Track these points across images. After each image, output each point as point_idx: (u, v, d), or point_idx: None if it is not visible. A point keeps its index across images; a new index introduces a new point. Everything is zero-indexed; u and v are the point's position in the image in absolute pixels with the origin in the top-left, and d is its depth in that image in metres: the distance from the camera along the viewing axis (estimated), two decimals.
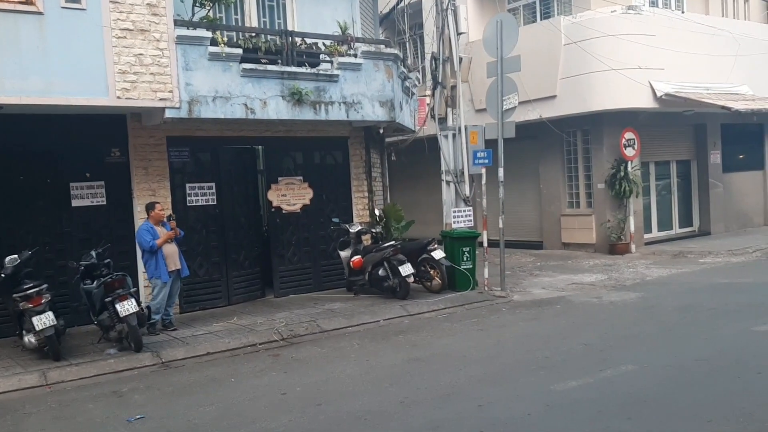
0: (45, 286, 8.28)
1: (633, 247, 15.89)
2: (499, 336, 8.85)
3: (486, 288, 11.71)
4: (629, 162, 15.83)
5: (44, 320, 7.96)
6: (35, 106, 8.70)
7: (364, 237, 12.01)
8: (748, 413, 5.48)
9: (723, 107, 15.14)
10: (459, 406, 6.05)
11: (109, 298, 8.33)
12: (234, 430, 5.82)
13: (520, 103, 12.28)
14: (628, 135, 15.72)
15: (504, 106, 11.55)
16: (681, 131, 17.98)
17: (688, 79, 15.66)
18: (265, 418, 6.05)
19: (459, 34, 12.50)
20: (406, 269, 10.92)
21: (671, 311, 9.63)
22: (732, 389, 6.13)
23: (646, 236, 17.00)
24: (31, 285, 8.19)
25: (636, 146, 15.83)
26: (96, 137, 10.11)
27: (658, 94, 15.20)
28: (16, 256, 8.51)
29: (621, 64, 14.63)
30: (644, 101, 15.31)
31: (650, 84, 15.17)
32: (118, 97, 8.94)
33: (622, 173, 15.75)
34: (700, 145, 18.37)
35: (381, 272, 11.21)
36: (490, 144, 11.80)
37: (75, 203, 10.05)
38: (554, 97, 15.74)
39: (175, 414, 6.35)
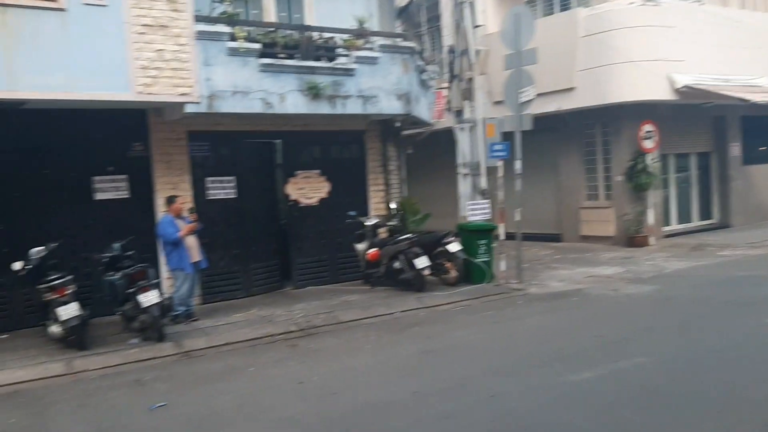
0: (70, 277, 8.49)
1: (652, 239, 15.83)
2: (513, 328, 8.93)
3: (502, 281, 11.77)
4: (648, 154, 15.76)
5: (69, 310, 8.15)
6: (58, 102, 8.87)
7: (380, 230, 12.11)
8: (758, 403, 5.54)
9: (741, 99, 15.01)
10: (471, 397, 6.15)
11: (132, 290, 8.53)
12: (252, 418, 5.98)
13: (538, 95, 12.30)
14: (647, 127, 15.65)
15: (521, 99, 11.59)
16: (700, 123, 17.84)
17: (708, 70, 15.52)
18: (283, 407, 6.20)
19: (476, 26, 12.55)
20: (422, 262, 11.01)
21: (687, 304, 9.65)
22: (743, 381, 6.16)
23: (665, 229, 16.93)
24: (56, 276, 8.41)
25: (655, 138, 15.76)
26: (118, 132, 10.30)
27: (677, 86, 15.10)
28: (41, 247, 8.75)
29: (639, 56, 14.58)
30: (663, 93, 15.21)
31: (669, 76, 15.07)
32: (139, 93, 9.08)
33: (641, 166, 15.69)
34: (720, 138, 18.21)
35: (397, 265, 11.31)
36: (508, 136, 11.84)
37: (98, 196, 10.25)
38: (572, 89, 15.69)
39: (196, 402, 6.52)
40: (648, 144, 15.67)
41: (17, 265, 8.68)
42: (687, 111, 16.74)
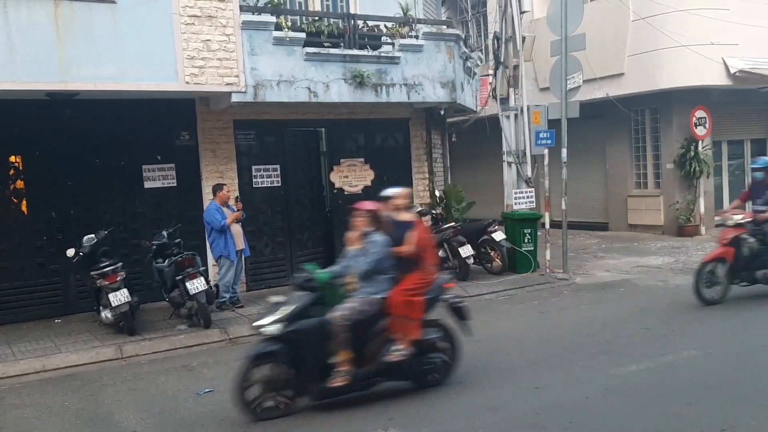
0: (120, 264, 8.67)
1: (703, 229, 15.45)
2: (559, 319, 8.82)
3: (548, 270, 11.63)
4: (700, 141, 15.35)
5: (120, 297, 8.33)
6: (109, 92, 9.03)
7: (424, 218, 12.05)
8: None
9: None
10: (517, 388, 6.11)
11: (180, 277, 8.69)
12: None
13: (585, 81, 12.07)
14: (699, 113, 15.23)
15: (568, 86, 11.38)
16: (756, 109, 17.22)
17: (764, 54, 15.00)
18: None
19: (522, 12, 12.36)
20: (466, 251, 10.95)
21: (739, 296, 9.37)
22: None
23: (716, 218, 16.45)
24: (108, 263, 8.59)
25: (707, 125, 15.32)
26: (166, 121, 10.47)
27: (732, 70, 14.65)
28: (93, 235, 8.95)
29: (692, 40, 14.15)
30: (716, 78, 14.79)
31: (723, 60, 14.63)
32: (187, 83, 9.21)
33: (692, 153, 15.29)
34: None
35: (441, 253, 11.25)
36: (554, 124, 11.65)
37: (147, 185, 10.45)
38: (621, 74, 15.40)
39: None
40: (700, 130, 15.25)
41: (70, 252, 8.90)
42: (741, 96, 16.21)
